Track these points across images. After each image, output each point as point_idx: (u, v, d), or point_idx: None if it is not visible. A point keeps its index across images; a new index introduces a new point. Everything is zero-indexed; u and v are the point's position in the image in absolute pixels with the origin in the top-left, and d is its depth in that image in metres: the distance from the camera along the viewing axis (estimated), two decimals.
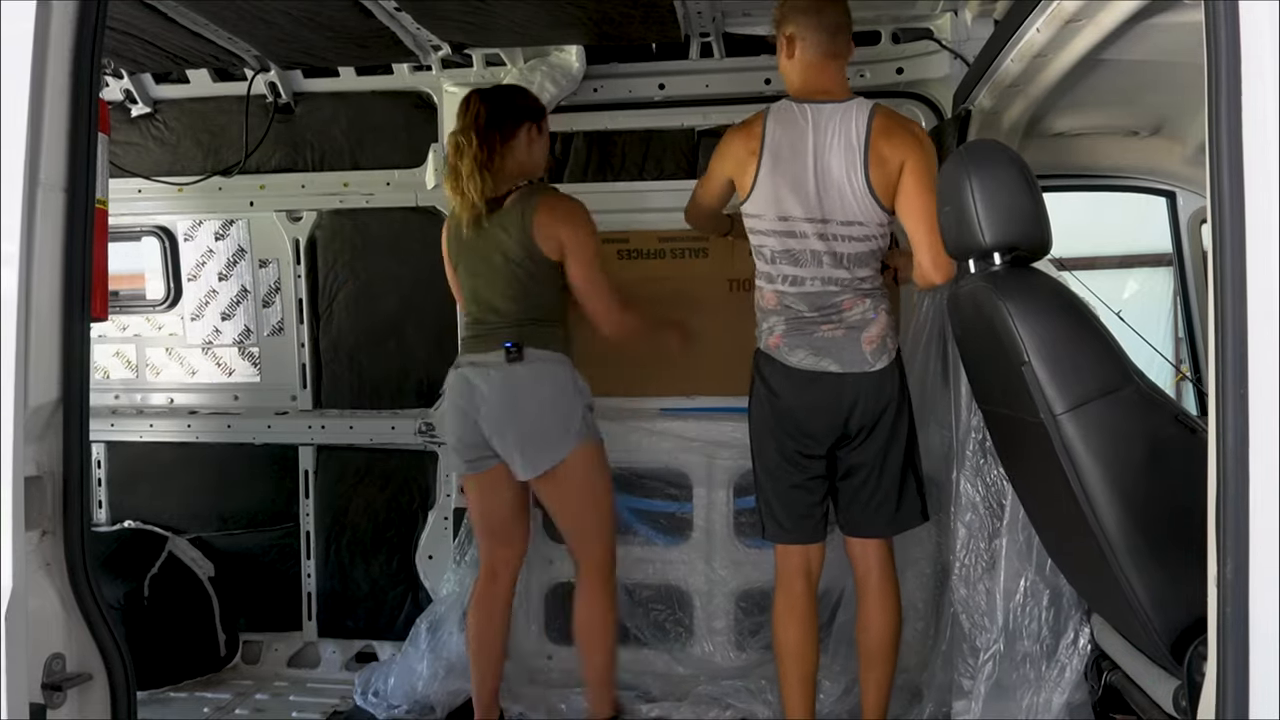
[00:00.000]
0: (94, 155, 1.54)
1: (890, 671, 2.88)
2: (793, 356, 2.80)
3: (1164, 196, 3.63)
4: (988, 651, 2.58)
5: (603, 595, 3.12)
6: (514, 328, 2.97)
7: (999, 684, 2.55)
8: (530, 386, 2.95)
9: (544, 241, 2.95)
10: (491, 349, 2.97)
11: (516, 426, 2.96)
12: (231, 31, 3.25)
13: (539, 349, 2.96)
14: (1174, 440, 1.92)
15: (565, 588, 3.75)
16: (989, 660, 2.58)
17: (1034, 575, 2.54)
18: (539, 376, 2.96)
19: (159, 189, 3.93)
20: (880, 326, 2.79)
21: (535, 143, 3.08)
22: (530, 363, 2.95)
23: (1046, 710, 2.47)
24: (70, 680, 1.49)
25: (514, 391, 2.95)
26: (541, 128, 3.10)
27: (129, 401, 4.17)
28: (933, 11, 3.30)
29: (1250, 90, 1.21)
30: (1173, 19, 1.99)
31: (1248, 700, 1.20)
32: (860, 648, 2.91)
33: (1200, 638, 1.77)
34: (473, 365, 3.02)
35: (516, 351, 2.93)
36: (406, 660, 3.52)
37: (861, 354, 2.76)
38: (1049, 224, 2.14)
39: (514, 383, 2.95)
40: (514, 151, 3.02)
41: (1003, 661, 2.56)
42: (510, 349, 2.93)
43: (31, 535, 1.48)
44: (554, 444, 2.97)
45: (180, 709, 3.62)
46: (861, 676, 2.93)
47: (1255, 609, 1.19)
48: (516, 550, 3.23)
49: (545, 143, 3.14)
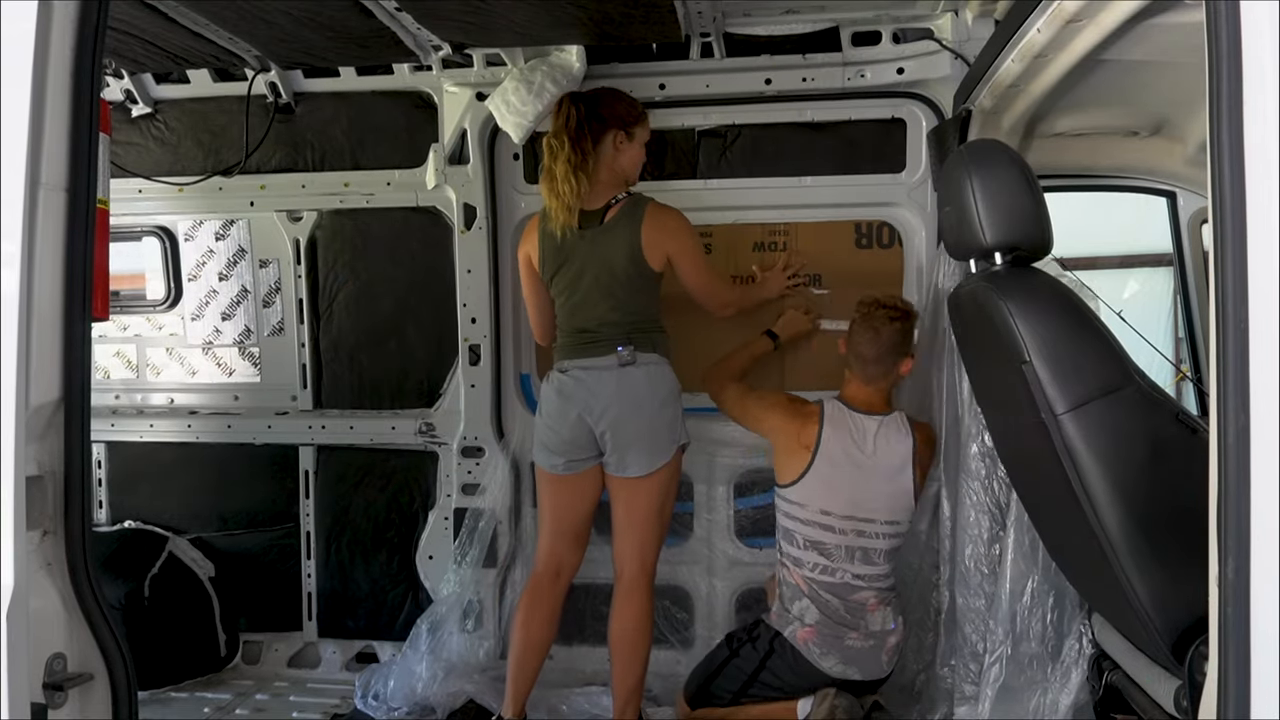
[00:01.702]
0: (95, 155, 1.54)
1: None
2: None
3: (1164, 197, 3.63)
4: (994, 654, 2.58)
5: (648, 602, 3.13)
6: (624, 334, 3.07)
7: (1005, 686, 2.55)
8: (646, 389, 3.06)
9: (651, 254, 3.07)
10: (603, 353, 3.07)
11: (635, 427, 3.04)
12: (232, 31, 3.24)
13: (648, 353, 3.08)
14: (1175, 440, 1.92)
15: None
16: (995, 663, 2.57)
17: (1039, 577, 2.54)
18: (652, 379, 3.07)
19: (159, 189, 3.93)
20: None
21: (622, 150, 3.15)
22: (642, 366, 3.06)
23: (1054, 711, 2.47)
24: (71, 680, 1.49)
25: (632, 393, 3.04)
26: (631, 134, 3.16)
27: (129, 401, 4.17)
28: (933, 12, 3.30)
29: (1251, 90, 1.21)
30: (1173, 19, 1.99)
31: (1249, 700, 1.20)
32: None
33: (1201, 637, 1.77)
34: (584, 369, 3.08)
35: (630, 356, 3.04)
36: (406, 662, 3.52)
37: None
38: (1050, 224, 2.15)
39: (631, 385, 3.05)
40: (603, 156, 3.11)
41: (1009, 664, 2.56)
42: (623, 353, 3.04)
43: (33, 535, 1.49)
44: (665, 445, 3.07)
45: (181, 709, 3.62)
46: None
47: (1256, 608, 1.19)
48: (581, 554, 3.27)
49: (636, 150, 3.19)
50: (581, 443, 3.10)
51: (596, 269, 3.09)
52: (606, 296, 3.09)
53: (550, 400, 3.16)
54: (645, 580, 3.13)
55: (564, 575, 3.23)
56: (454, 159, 3.69)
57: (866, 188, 3.55)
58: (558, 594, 3.22)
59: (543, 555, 3.24)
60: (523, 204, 3.74)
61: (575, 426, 3.09)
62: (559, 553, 3.21)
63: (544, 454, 3.19)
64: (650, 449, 3.05)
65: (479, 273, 3.70)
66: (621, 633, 3.12)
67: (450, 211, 3.73)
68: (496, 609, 3.71)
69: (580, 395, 3.07)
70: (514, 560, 3.75)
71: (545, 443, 3.18)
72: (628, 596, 3.12)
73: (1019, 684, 2.54)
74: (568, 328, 3.18)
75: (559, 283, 3.17)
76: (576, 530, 3.22)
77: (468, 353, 3.75)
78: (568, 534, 3.21)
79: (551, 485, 3.22)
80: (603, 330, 3.09)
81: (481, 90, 3.59)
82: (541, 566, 3.23)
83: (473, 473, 3.76)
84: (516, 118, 3.43)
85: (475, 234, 3.70)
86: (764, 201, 3.58)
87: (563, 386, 3.12)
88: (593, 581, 3.69)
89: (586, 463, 3.13)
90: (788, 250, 3.59)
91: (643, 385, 3.06)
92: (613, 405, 3.04)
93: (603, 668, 3.60)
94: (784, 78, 3.49)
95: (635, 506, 3.11)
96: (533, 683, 3.19)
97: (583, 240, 3.09)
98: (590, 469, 3.14)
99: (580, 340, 3.12)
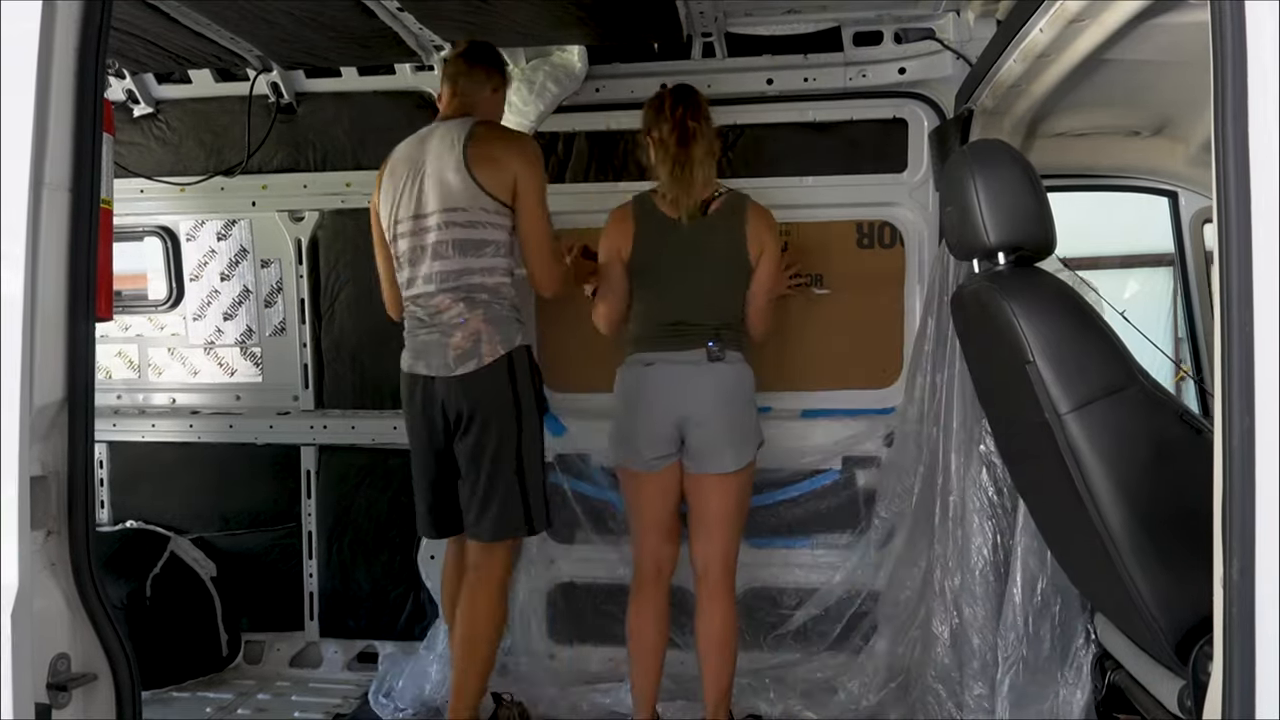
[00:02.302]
0: (99, 155, 1.54)
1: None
2: None
3: (1166, 197, 3.63)
4: (1008, 661, 2.58)
5: (733, 603, 3.11)
6: (713, 329, 3.06)
7: (1019, 692, 2.55)
8: (735, 385, 3.06)
9: (753, 248, 3.09)
10: (691, 348, 3.04)
11: (724, 423, 3.02)
12: (234, 32, 3.24)
13: (734, 351, 3.08)
14: (1179, 440, 1.92)
15: (567, 588, 3.76)
16: (1010, 670, 2.57)
17: (1048, 579, 2.54)
18: (740, 376, 3.08)
19: (161, 189, 3.93)
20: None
21: (717, 150, 3.18)
22: (731, 363, 3.05)
23: (1068, 710, 2.48)
24: (75, 680, 1.48)
25: (723, 389, 3.03)
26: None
27: (131, 401, 4.17)
28: (935, 12, 3.30)
29: (1256, 90, 1.21)
30: (1177, 19, 1.99)
31: (1254, 701, 1.19)
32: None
33: (1205, 638, 1.77)
34: (671, 363, 3.05)
35: (720, 352, 3.03)
36: (419, 663, 3.54)
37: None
38: (1053, 224, 2.15)
39: (722, 381, 3.04)
40: (709, 153, 3.11)
41: (1023, 671, 2.56)
42: (713, 348, 3.03)
43: (36, 535, 1.48)
44: (751, 442, 3.07)
45: (182, 709, 3.62)
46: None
47: (1261, 609, 1.19)
48: (677, 548, 3.21)
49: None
50: (668, 436, 3.05)
51: (697, 257, 3.07)
52: (702, 286, 3.07)
53: (634, 391, 3.09)
54: (729, 581, 3.10)
55: (665, 571, 3.19)
56: None
57: (868, 188, 3.55)
58: (662, 591, 3.18)
59: (641, 555, 3.18)
60: None
61: (664, 420, 3.04)
62: (656, 550, 3.17)
63: (627, 450, 3.12)
64: (739, 445, 3.04)
65: None
66: (710, 636, 3.07)
67: None
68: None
69: (670, 388, 3.03)
70: (517, 561, 3.74)
71: (629, 437, 3.11)
72: (713, 599, 3.08)
73: (1032, 689, 2.53)
74: (653, 319, 3.12)
75: (652, 273, 3.12)
76: (670, 525, 3.17)
77: None
78: (662, 529, 3.16)
79: (637, 482, 3.15)
80: (694, 324, 3.05)
81: None
82: (642, 567, 3.18)
83: None
84: (518, 117, 3.43)
85: None
86: (765, 201, 3.57)
87: (651, 378, 3.06)
88: (594, 581, 3.70)
89: (669, 459, 3.08)
90: (788, 250, 3.59)
91: (732, 382, 3.05)
92: (705, 400, 3.01)
93: (609, 665, 3.62)
94: (785, 78, 3.49)
95: (721, 504, 3.07)
96: (657, 683, 3.17)
97: (686, 230, 3.08)
98: (673, 464, 3.09)
99: (668, 333, 3.08)
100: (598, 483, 3.64)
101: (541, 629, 3.75)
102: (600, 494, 3.63)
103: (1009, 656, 2.58)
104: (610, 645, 3.56)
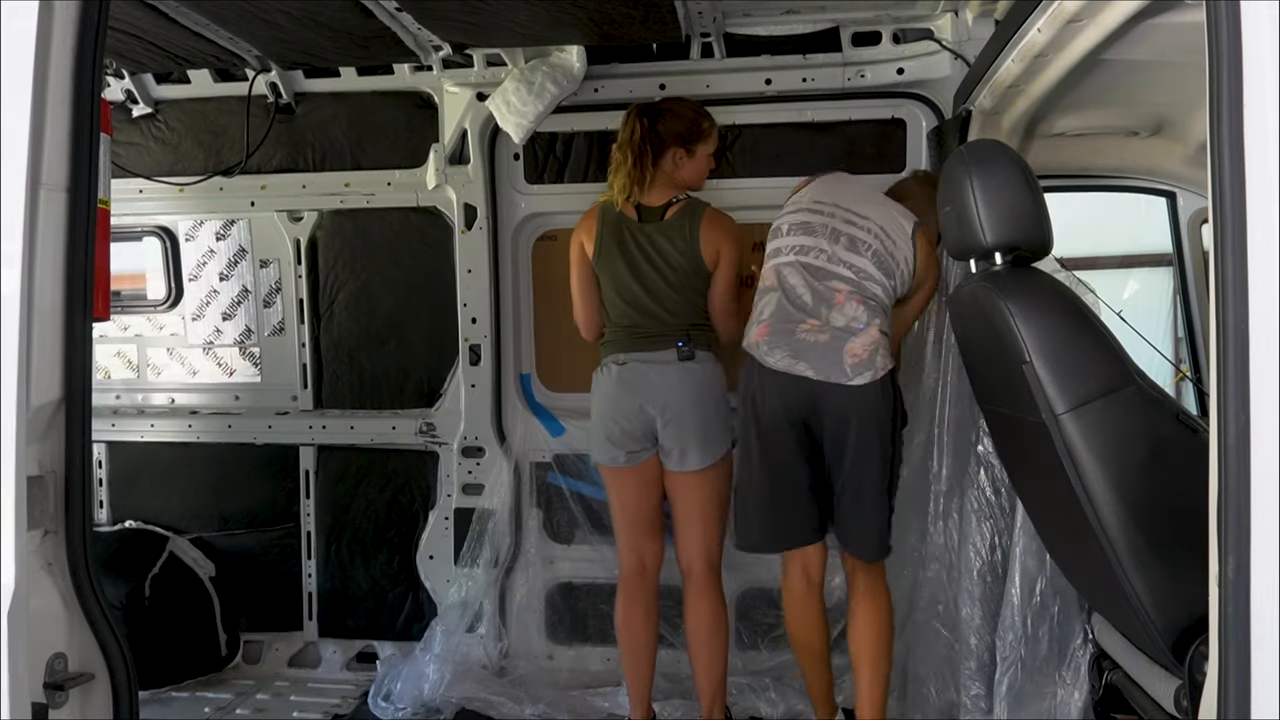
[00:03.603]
0: (96, 156, 1.54)
1: (878, 674, 2.89)
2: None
3: (1164, 197, 3.63)
4: (1006, 662, 2.58)
5: (720, 597, 3.16)
6: (682, 329, 3.14)
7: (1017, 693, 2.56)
8: (705, 383, 3.14)
9: (707, 252, 3.14)
10: (662, 347, 3.13)
11: (695, 419, 3.09)
12: (233, 32, 3.24)
13: (704, 350, 3.16)
14: (1175, 440, 1.92)
15: (565, 588, 3.77)
16: (1009, 670, 2.57)
17: (1046, 579, 2.54)
18: (710, 375, 3.16)
19: (160, 189, 3.93)
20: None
21: (682, 165, 3.20)
22: (700, 362, 3.14)
23: (1066, 710, 2.48)
24: (72, 680, 1.49)
25: (694, 387, 3.11)
26: (692, 151, 3.20)
27: (130, 401, 4.17)
28: (933, 12, 3.30)
29: (1251, 90, 1.21)
30: (1174, 19, 1.99)
31: (1249, 700, 1.20)
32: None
33: (1201, 637, 1.77)
34: (644, 362, 3.13)
35: (689, 351, 3.11)
36: (416, 664, 3.53)
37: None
38: (1050, 224, 2.15)
39: (692, 379, 3.12)
40: (663, 168, 3.18)
41: (1022, 671, 2.56)
42: (682, 347, 3.12)
43: (34, 535, 1.48)
44: (722, 439, 3.13)
45: (181, 709, 3.62)
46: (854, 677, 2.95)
47: (1257, 608, 1.19)
48: (661, 543, 3.27)
49: (696, 163, 3.23)
50: (640, 434, 3.13)
51: (653, 259, 3.14)
52: (663, 291, 3.14)
53: (608, 391, 3.18)
54: (714, 575, 3.16)
55: (650, 567, 3.25)
56: (454, 159, 3.70)
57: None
58: (649, 587, 3.24)
59: (624, 551, 3.26)
60: (523, 204, 3.75)
61: (635, 418, 3.12)
62: (639, 546, 3.23)
63: (605, 449, 3.20)
64: (710, 441, 3.10)
65: (479, 273, 3.71)
66: (698, 630, 3.13)
67: (451, 211, 3.74)
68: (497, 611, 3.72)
69: (642, 386, 3.11)
70: (515, 561, 3.75)
71: (606, 436, 3.19)
72: (699, 594, 3.14)
73: (1029, 689, 2.54)
74: (622, 321, 3.20)
75: (613, 273, 3.19)
76: (651, 520, 3.24)
77: (468, 353, 3.76)
78: (643, 525, 3.23)
79: (618, 479, 3.24)
80: (661, 325, 3.14)
81: (482, 90, 3.60)
82: (626, 562, 3.25)
83: (473, 473, 3.76)
84: (517, 118, 3.44)
85: (476, 234, 3.70)
86: (765, 201, 3.57)
87: (622, 377, 3.14)
88: (592, 581, 3.70)
89: (645, 454, 3.16)
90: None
91: (702, 380, 3.12)
92: (675, 398, 3.09)
93: (607, 666, 3.62)
94: (784, 78, 3.50)
95: (697, 499, 3.14)
96: (650, 681, 3.22)
97: (642, 232, 3.16)
98: (649, 459, 3.17)
99: (637, 334, 3.16)
100: (596, 483, 3.64)
101: (540, 629, 3.75)
102: (598, 494, 3.63)
103: (1007, 657, 2.58)
104: (609, 645, 3.56)
